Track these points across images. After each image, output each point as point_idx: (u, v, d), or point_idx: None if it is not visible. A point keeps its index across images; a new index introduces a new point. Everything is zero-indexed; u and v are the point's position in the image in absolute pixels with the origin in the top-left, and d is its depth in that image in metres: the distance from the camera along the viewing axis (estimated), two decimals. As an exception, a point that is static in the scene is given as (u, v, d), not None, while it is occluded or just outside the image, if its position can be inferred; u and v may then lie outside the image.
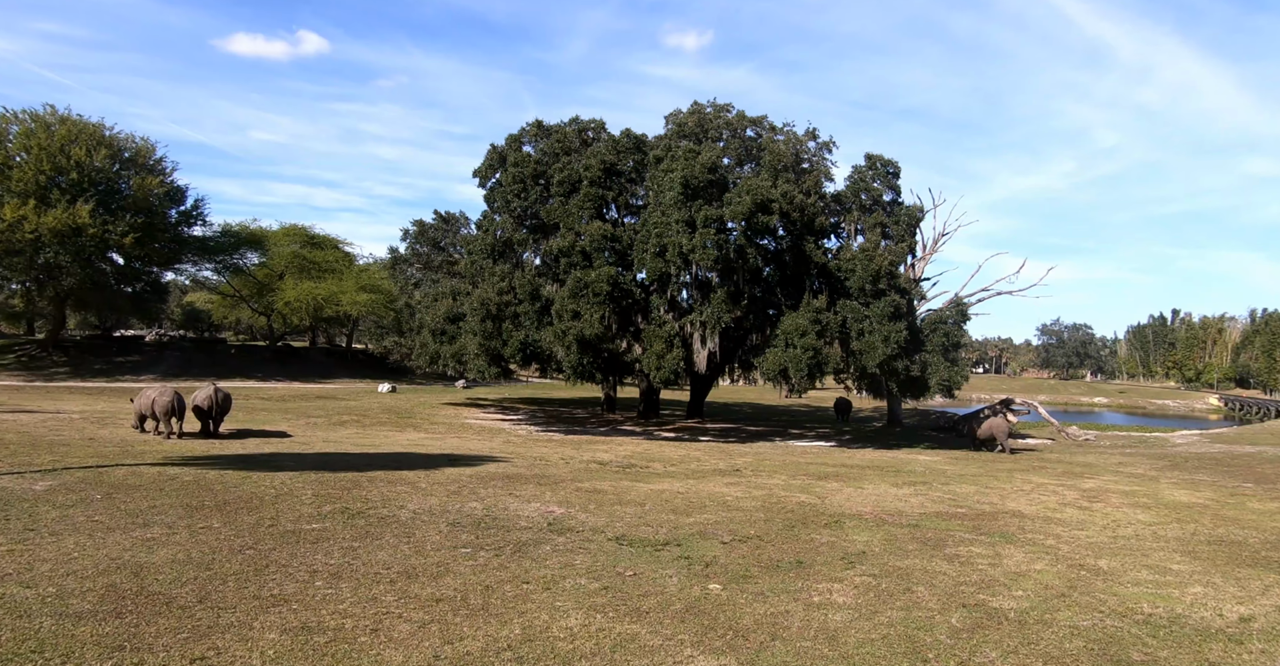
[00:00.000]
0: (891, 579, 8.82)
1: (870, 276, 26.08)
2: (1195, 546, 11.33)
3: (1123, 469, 23.41)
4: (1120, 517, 13.75)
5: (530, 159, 31.25)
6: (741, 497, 14.15)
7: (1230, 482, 20.40)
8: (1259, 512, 14.83)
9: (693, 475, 17.39)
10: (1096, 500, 15.72)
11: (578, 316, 26.20)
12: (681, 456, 21.66)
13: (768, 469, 19.08)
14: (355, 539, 9.87)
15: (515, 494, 13.59)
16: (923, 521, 12.54)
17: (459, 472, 15.98)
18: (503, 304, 27.80)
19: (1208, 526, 13.10)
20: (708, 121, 30.62)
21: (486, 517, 11.48)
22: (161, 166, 50.30)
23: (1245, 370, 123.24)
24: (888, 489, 16.14)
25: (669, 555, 9.66)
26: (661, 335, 26.35)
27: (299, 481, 13.74)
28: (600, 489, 14.52)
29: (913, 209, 31.32)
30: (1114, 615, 7.74)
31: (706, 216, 25.24)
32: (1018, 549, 10.69)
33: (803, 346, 25.00)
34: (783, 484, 16.26)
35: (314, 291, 52.65)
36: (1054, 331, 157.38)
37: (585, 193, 28.53)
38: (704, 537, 10.69)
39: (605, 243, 27.10)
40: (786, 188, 26.71)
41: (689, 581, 8.44)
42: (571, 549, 9.82)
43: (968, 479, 18.66)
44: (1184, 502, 15.94)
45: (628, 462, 19.63)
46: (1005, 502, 14.96)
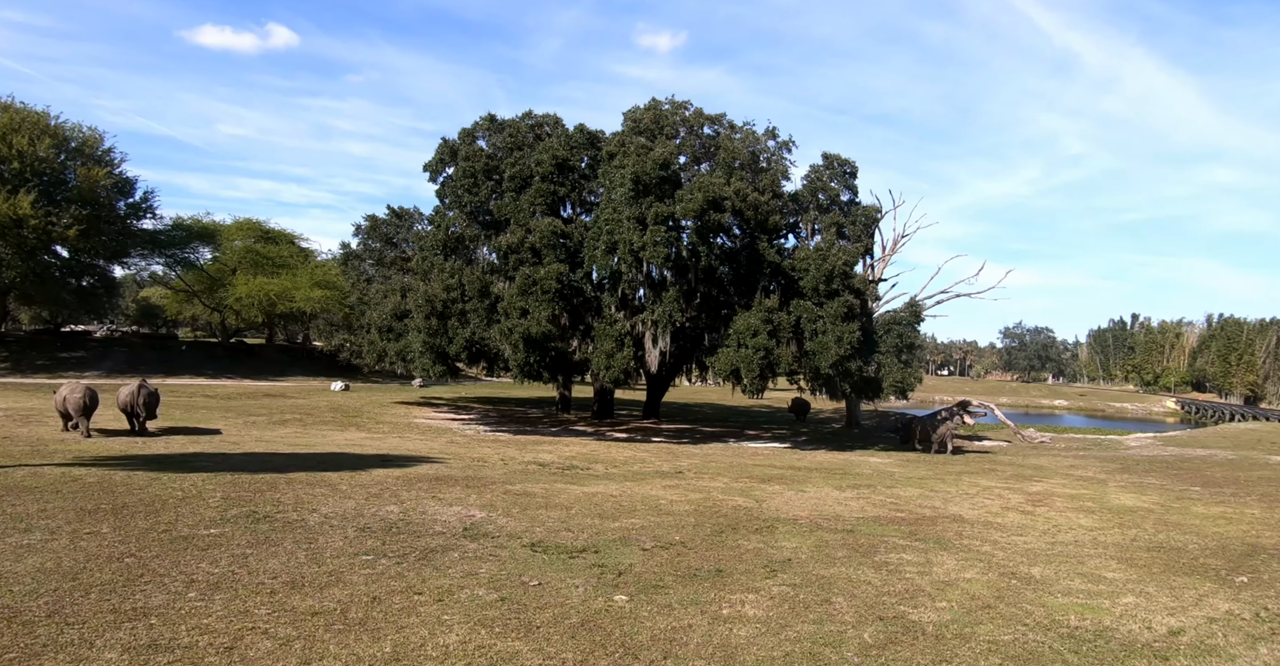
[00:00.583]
0: (812, 588, 8.36)
1: (824, 276, 25.70)
2: (1134, 553, 11.00)
3: (1073, 472, 23.22)
4: (1062, 522, 13.42)
5: (482, 153, 30.58)
6: (676, 501, 13.66)
7: (1178, 486, 20.25)
8: (1202, 517, 14.59)
9: (632, 477, 16.88)
10: (1041, 504, 15.42)
11: (526, 314, 25.60)
12: (626, 458, 21.15)
13: (712, 471, 18.61)
14: (251, 545, 9.26)
15: (439, 496, 13.00)
16: (859, 526, 12.12)
17: (386, 474, 15.35)
18: (449, 301, 27.07)
19: (1149, 532, 12.80)
20: (664, 118, 30.12)
21: (400, 522, 10.89)
22: (109, 157, 48.95)
23: (1202, 374, 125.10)
24: (830, 492, 15.73)
25: (583, 563, 9.14)
26: (612, 334, 25.80)
27: (212, 483, 13.06)
28: (530, 491, 13.96)
29: (870, 209, 31.05)
30: (1038, 628, 7.32)
31: (658, 213, 24.73)
32: (951, 556, 10.29)
33: (754, 346, 24.56)
34: (723, 487, 15.80)
35: (267, 287, 51.46)
36: (1016, 334, 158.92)
37: (537, 188, 27.90)
38: (625, 544, 10.18)
39: (555, 239, 26.48)
40: (740, 185, 26.27)
41: (595, 592, 7.92)
42: (481, 556, 9.27)
43: (914, 482, 18.32)
44: (1129, 507, 15.68)
45: (569, 464, 19.08)
46: (948, 506, 14.60)
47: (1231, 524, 13.89)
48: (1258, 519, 14.55)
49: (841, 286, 25.94)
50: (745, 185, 26.60)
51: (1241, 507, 16.13)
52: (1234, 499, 17.69)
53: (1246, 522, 14.07)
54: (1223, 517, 14.61)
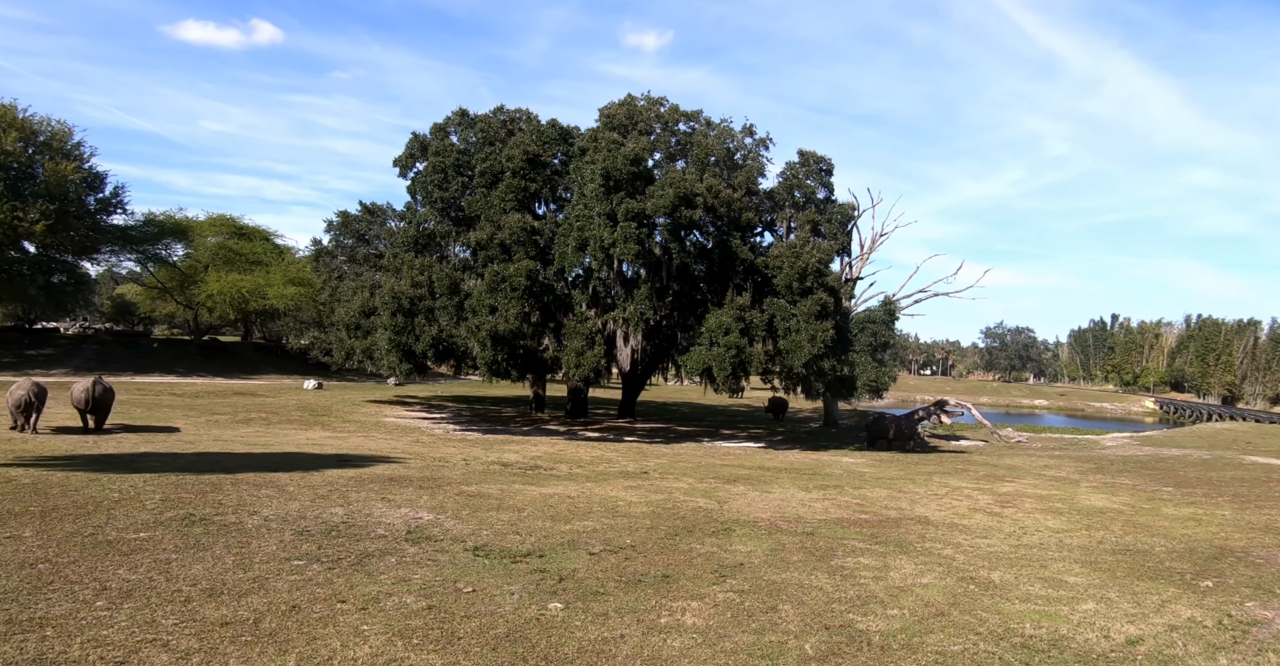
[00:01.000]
0: (759, 595, 8.00)
1: (797, 274, 25.36)
2: (1098, 556, 10.71)
3: (1046, 472, 23.00)
4: (1029, 524, 13.14)
5: (453, 148, 30.08)
6: (635, 502, 13.29)
7: (1150, 486, 20.05)
8: (1172, 518, 14.34)
9: (595, 477, 16.50)
10: (1009, 505, 15.13)
11: (495, 311, 25.14)
12: (593, 457, 20.75)
13: (678, 471, 18.25)
14: (178, 550, 8.83)
15: (388, 498, 12.58)
16: (820, 528, 11.79)
17: (339, 474, 14.90)
18: (416, 298, 26.56)
19: (1116, 533, 12.53)
20: (638, 114, 29.72)
21: (342, 525, 10.47)
22: (79, 151, 48.09)
23: (1180, 374, 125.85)
24: (795, 493, 15.39)
25: (525, 568, 8.76)
26: (583, 332, 25.37)
27: (154, 484, 12.59)
28: (485, 493, 13.55)
29: (845, 207, 30.76)
30: (991, 638, 6.99)
31: (628, 209, 24.30)
32: (910, 559, 9.96)
33: (726, 345, 24.20)
34: (687, 487, 15.44)
35: (239, 284, 50.72)
36: (997, 334, 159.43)
37: (508, 184, 27.43)
38: (573, 547, 9.80)
39: (526, 236, 26.01)
40: (713, 182, 25.89)
41: (530, 599, 7.54)
42: (419, 560, 8.88)
43: (884, 482, 18.02)
44: (1098, 508, 15.43)
45: (533, 464, 18.66)
46: (914, 508, 14.29)
47: (1201, 525, 13.65)
48: (1228, 520, 14.31)
49: (815, 284, 25.61)
50: (718, 182, 26.24)
51: (1213, 508, 15.92)
52: (1206, 500, 17.49)
53: (1216, 524, 13.83)
54: (1193, 519, 14.37)
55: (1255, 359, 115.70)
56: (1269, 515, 15.11)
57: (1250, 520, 14.43)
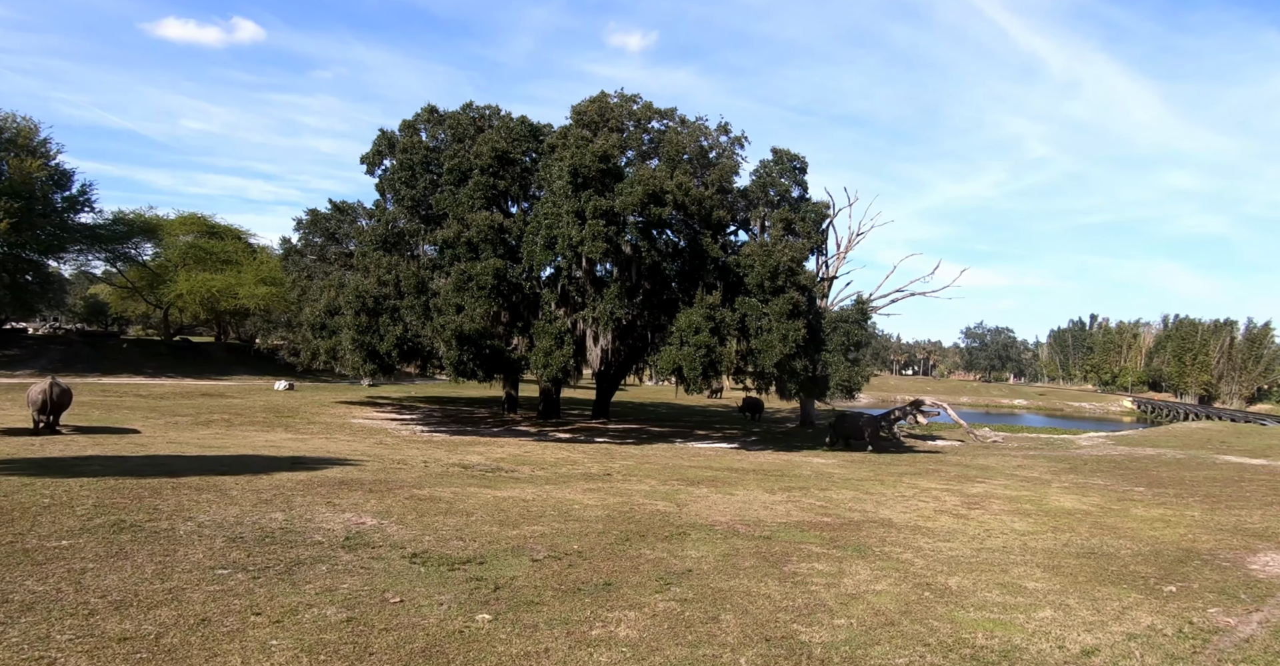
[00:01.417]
0: (702, 604, 7.63)
1: (769, 272, 25.02)
2: (1062, 560, 10.41)
3: (1019, 472, 22.78)
4: (995, 527, 12.84)
5: (420, 145, 29.55)
6: (592, 506, 12.90)
7: (1122, 487, 19.85)
8: (1141, 520, 14.09)
9: (556, 480, 16.09)
10: (976, 507, 14.84)
11: (462, 310, 24.66)
12: (558, 459, 20.35)
13: (642, 473, 17.87)
14: (98, 559, 8.37)
15: (334, 502, 12.13)
16: (778, 532, 11.44)
17: (290, 478, 14.42)
18: (381, 296, 26.03)
19: (1083, 536, 12.24)
20: (609, 111, 29.30)
21: (279, 531, 10.03)
22: (45, 148, 47.21)
23: (1158, 374, 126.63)
24: (759, 495, 15.04)
25: (461, 576, 8.36)
26: (552, 331, 24.93)
27: (90, 489, 12.09)
28: (437, 496, 13.12)
29: (819, 205, 30.45)
30: (939, 649, 6.64)
31: (596, 207, 23.86)
32: (867, 564, 9.62)
33: (696, 344, 23.82)
34: (648, 490, 15.06)
35: (209, 283, 49.90)
36: (977, 334, 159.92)
37: (476, 181, 26.93)
38: (516, 554, 9.41)
39: (493, 234, 25.52)
40: (683, 179, 25.50)
41: (458, 610, 7.14)
42: (351, 569, 8.46)
43: (851, 483, 17.71)
44: (1067, 509, 15.17)
45: (495, 466, 18.23)
46: (879, 510, 13.97)
47: (1169, 527, 13.40)
48: (1197, 521, 14.08)
49: (787, 283, 25.28)
50: (689, 179, 25.85)
51: (1183, 509, 15.70)
52: (1176, 500, 17.28)
53: (1185, 525, 13.59)
54: (1161, 520, 14.13)
55: (1231, 359, 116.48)
56: (1238, 515, 14.89)
57: (1220, 521, 14.21)
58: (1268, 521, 14.18)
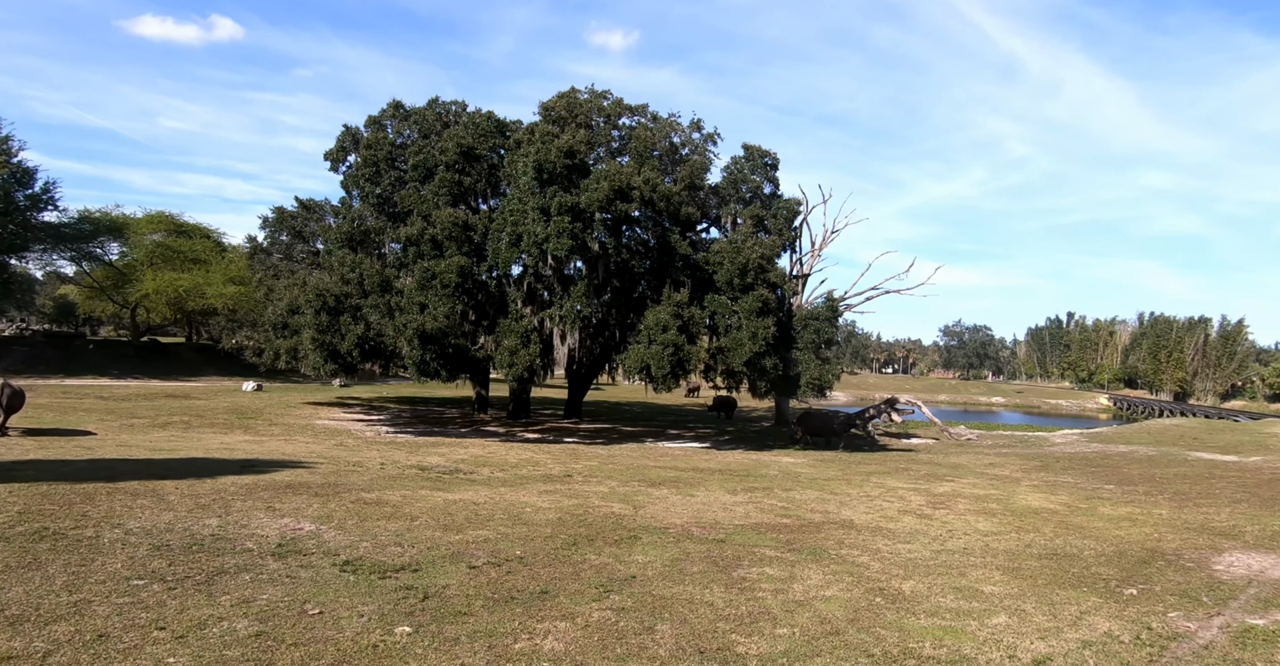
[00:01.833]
0: (640, 613, 7.24)
1: (738, 269, 24.65)
2: (1023, 562, 10.09)
3: (990, 470, 22.55)
4: (958, 527, 12.53)
5: (385, 141, 28.96)
6: (545, 508, 12.48)
7: (1092, 485, 19.64)
8: (1107, 519, 13.83)
9: (513, 482, 15.66)
10: (941, 507, 14.54)
11: (425, 309, 24.16)
12: (521, 460, 19.90)
13: (604, 474, 17.46)
14: (7, 569, 7.90)
15: (275, 507, 11.65)
16: (734, 535, 11.07)
17: (235, 481, 13.91)
18: (342, 295, 25.46)
19: (1047, 536, 11.95)
20: (578, 107, 28.83)
21: (209, 538, 9.57)
22: (7, 145, 46.17)
23: (1133, 371, 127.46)
24: (721, 496, 14.68)
25: (392, 584, 7.94)
26: (518, 330, 24.45)
27: (20, 494, 11.57)
28: (385, 500, 12.66)
29: (791, 202, 30.11)
30: (883, 660, 6.28)
31: (561, 203, 23.40)
32: (820, 568, 9.26)
33: (663, 342, 23.43)
34: (606, 492, 14.65)
35: (176, 283, 48.97)
36: (955, 332, 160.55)
37: (441, 178, 26.38)
38: (454, 560, 8.99)
39: (458, 231, 24.99)
40: (651, 175, 25.07)
41: (379, 623, 6.72)
42: (276, 578, 8.02)
43: (818, 483, 17.38)
44: (1034, 508, 14.89)
45: (455, 468, 17.77)
46: (841, 511, 13.63)
47: (1136, 526, 13.14)
48: (1164, 520, 13.84)
49: (756, 280, 24.93)
50: (657, 175, 25.42)
51: (1150, 507, 15.47)
52: (1145, 498, 17.07)
53: (1151, 524, 13.33)
54: (1128, 519, 13.88)
55: (1206, 356, 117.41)
56: (1206, 514, 14.67)
57: (1187, 519, 13.97)
58: (1235, 519, 13.96)
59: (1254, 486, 19.38)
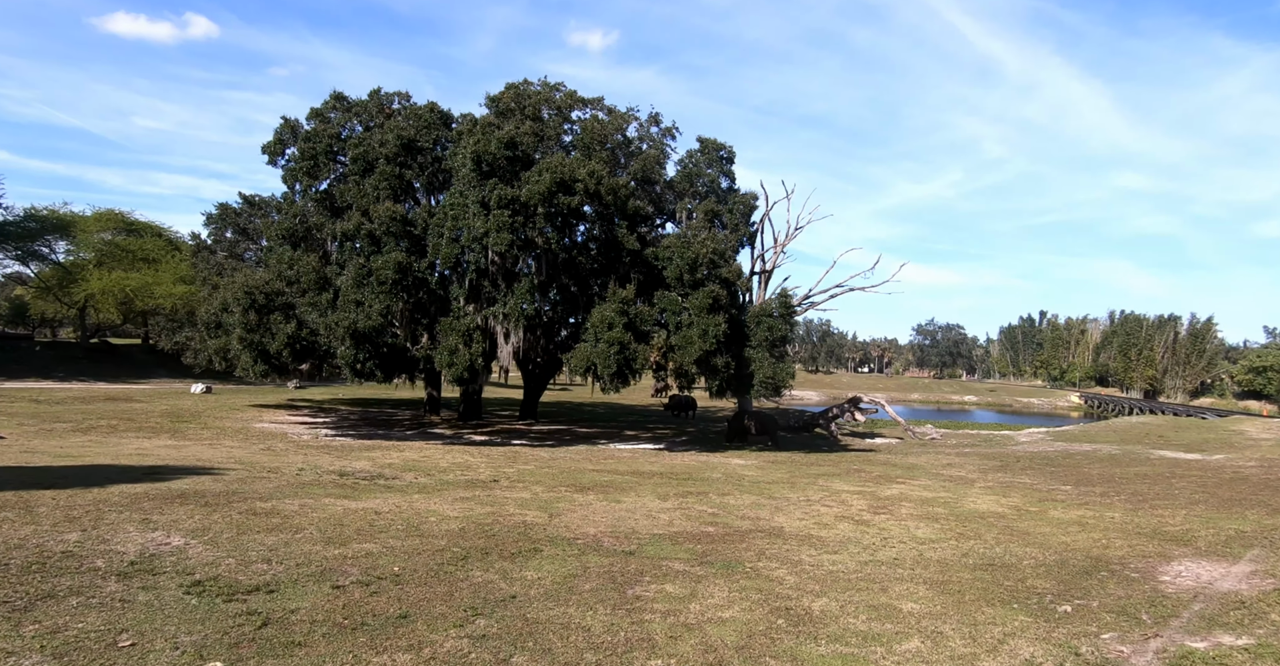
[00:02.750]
0: (501, 641, 6.35)
1: (688, 265, 23.75)
2: (955, 574, 9.27)
3: (945, 471, 21.83)
4: (895, 534, 11.71)
5: (323, 133, 27.79)
6: (452, 517, 11.54)
7: (1048, 485, 18.94)
8: (1057, 523, 13.06)
9: (433, 488, 14.69)
10: (883, 511, 13.72)
11: (361, 306, 23.11)
12: (455, 464, 18.92)
13: (534, 479, 16.53)
14: None
15: (152, 519, 10.64)
16: (648, 546, 10.18)
17: (125, 491, 12.86)
18: (273, 292, 24.33)
19: (988, 543, 11.15)
20: (526, 98, 27.83)
21: (59, 555, 8.59)
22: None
23: (1104, 369, 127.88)
24: (650, 502, 13.78)
25: (234, 609, 7.00)
26: (459, 328, 23.43)
27: None
28: (280, 509, 11.67)
29: (747, 196, 29.26)
30: (762, 700, 5.41)
31: (501, 196, 22.40)
32: (728, 584, 8.38)
33: (608, 341, 22.50)
34: (528, 498, 13.72)
35: (123, 282, 47.43)
36: (928, 331, 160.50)
37: (382, 171, 25.30)
38: (320, 579, 8.05)
39: (397, 226, 23.90)
40: (596, 167, 24.10)
41: (192, 657, 5.82)
42: (106, 602, 7.07)
43: (759, 487, 16.53)
44: (981, 512, 14.12)
45: (378, 473, 16.77)
46: (774, 517, 12.78)
47: (1085, 531, 12.37)
48: (1116, 524, 13.09)
49: (707, 276, 24.04)
50: (603, 167, 24.44)
51: (1104, 510, 14.74)
52: (1101, 499, 16.36)
53: (1102, 529, 12.58)
54: (1078, 523, 13.12)
55: (1175, 353, 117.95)
56: (1160, 517, 13.95)
57: (1140, 523, 13.24)
58: (1189, 523, 13.24)
59: (1214, 486, 18.75)
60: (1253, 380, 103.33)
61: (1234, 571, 9.60)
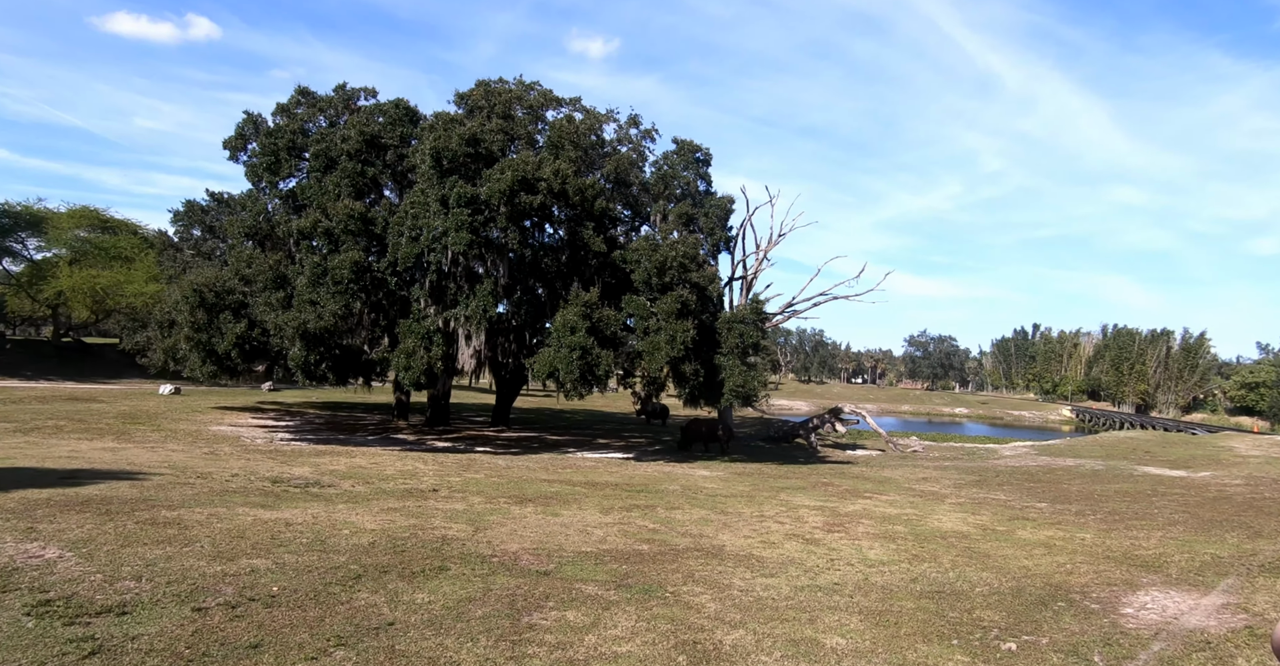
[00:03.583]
0: (344, 685, 5.50)
1: (655, 268, 22.89)
2: (897, 602, 8.44)
3: (919, 485, 21.00)
4: (845, 554, 10.88)
5: (285, 129, 26.92)
6: (367, 530, 10.68)
7: (1023, 502, 18.12)
8: (1022, 545, 12.24)
9: (364, 497, 13.82)
10: (838, 529, 12.88)
11: (317, 306, 22.23)
12: (401, 471, 18.02)
13: (477, 488, 15.66)
14: None
15: (37, 528, 9.81)
16: (567, 565, 9.34)
17: (24, 497, 12.01)
18: (224, 291, 23.45)
19: (943, 567, 10.33)
20: (496, 96, 27.01)
21: (-96, 568, 7.74)
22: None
23: (1097, 383, 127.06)
24: (590, 515, 12.93)
25: (71, 634, 6.22)
26: (419, 331, 22.55)
27: None
28: (183, 519, 10.82)
29: (724, 200, 28.44)
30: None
31: (460, 194, 21.55)
32: (638, 611, 7.54)
33: (569, 345, 21.63)
34: (461, 510, 12.87)
35: (94, 280, 46.44)
36: (920, 342, 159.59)
37: (343, 168, 24.44)
38: (185, 600, 7.22)
39: (356, 224, 23.00)
40: (561, 166, 23.25)
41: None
42: (-85, 629, 6.21)
43: (715, 501, 15.69)
44: (945, 531, 13.29)
45: (314, 480, 15.89)
46: (719, 535, 11.94)
47: (1050, 554, 11.55)
48: (1085, 546, 12.27)
49: (676, 280, 23.19)
50: (568, 166, 23.58)
51: (1076, 530, 13.92)
52: (1075, 519, 15.55)
53: (1069, 552, 11.76)
54: (1045, 545, 12.30)
55: (1168, 368, 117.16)
56: (1134, 538, 13.13)
57: (1111, 545, 12.42)
58: (1164, 546, 12.42)
59: (1196, 505, 17.95)
60: (1245, 396, 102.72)
61: (1204, 603, 8.78)
